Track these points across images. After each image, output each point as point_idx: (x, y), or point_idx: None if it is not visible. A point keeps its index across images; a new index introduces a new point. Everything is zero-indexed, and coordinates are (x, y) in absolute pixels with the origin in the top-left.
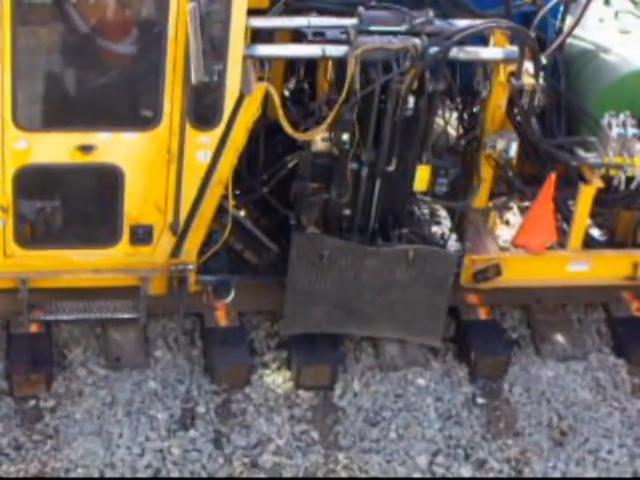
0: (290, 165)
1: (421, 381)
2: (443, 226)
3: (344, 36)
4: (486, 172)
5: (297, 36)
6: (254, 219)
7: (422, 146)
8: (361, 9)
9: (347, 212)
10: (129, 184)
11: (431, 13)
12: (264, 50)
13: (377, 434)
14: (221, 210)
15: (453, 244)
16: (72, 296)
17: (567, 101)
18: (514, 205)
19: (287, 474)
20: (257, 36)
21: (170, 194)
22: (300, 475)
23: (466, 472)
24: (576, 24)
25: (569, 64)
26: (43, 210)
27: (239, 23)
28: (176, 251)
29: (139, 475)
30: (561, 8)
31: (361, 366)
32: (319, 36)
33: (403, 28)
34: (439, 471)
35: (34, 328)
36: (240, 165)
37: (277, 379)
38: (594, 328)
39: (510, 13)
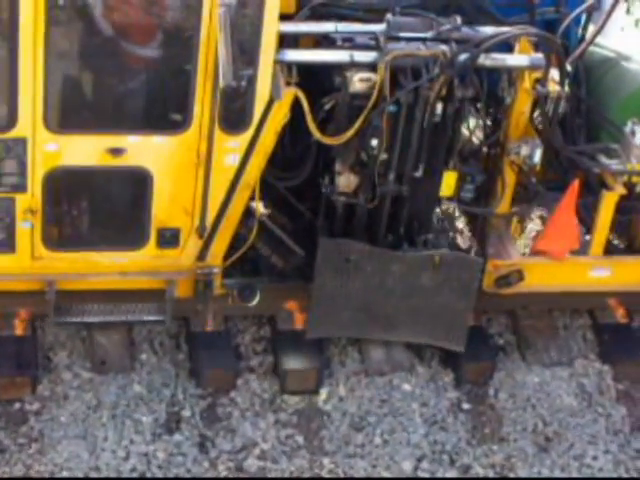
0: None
1: (406, 386)
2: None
3: (372, 42)
4: (509, 178)
5: (321, 41)
6: (280, 223)
7: (449, 152)
8: (389, 15)
9: (374, 217)
10: (158, 187)
11: (458, 20)
12: (293, 55)
13: (362, 439)
14: (247, 214)
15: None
16: (98, 299)
17: (588, 108)
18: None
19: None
20: (282, 41)
21: (198, 197)
22: None
23: (451, 477)
24: (599, 32)
25: (590, 71)
26: (71, 212)
27: (271, 28)
28: (202, 254)
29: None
30: (583, 16)
31: (347, 371)
32: (348, 42)
33: (431, 35)
34: (424, 476)
35: (19, 331)
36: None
37: (263, 383)
38: (580, 334)
39: (534, 20)
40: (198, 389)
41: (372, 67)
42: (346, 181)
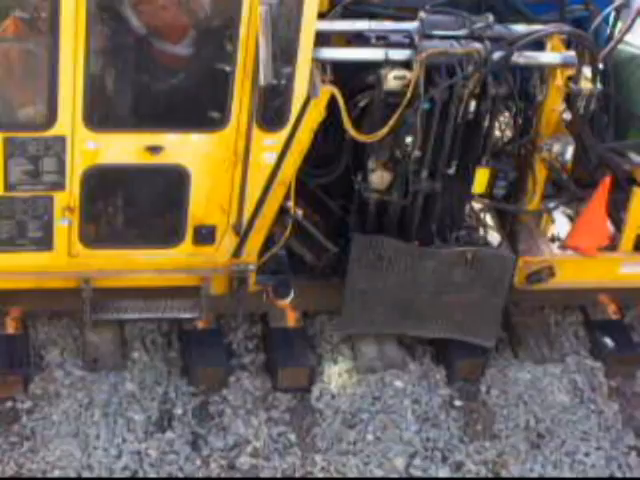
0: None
1: (398, 383)
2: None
3: (406, 40)
4: (540, 175)
5: (353, 40)
6: (312, 221)
7: (482, 149)
8: (422, 13)
9: (406, 214)
10: (195, 185)
11: (491, 18)
12: (329, 53)
13: (354, 436)
14: (282, 211)
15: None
16: (133, 296)
17: (616, 105)
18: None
19: (264, 476)
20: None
21: (235, 195)
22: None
23: (443, 474)
24: (628, 29)
25: (617, 69)
26: (109, 210)
27: (310, 26)
28: (238, 251)
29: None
30: (612, 14)
31: (338, 368)
32: (382, 40)
33: (464, 32)
34: (416, 473)
35: (11, 329)
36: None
37: (255, 381)
38: (571, 331)
39: (564, 18)
40: (190, 387)
41: (406, 65)
42: (379, 178)
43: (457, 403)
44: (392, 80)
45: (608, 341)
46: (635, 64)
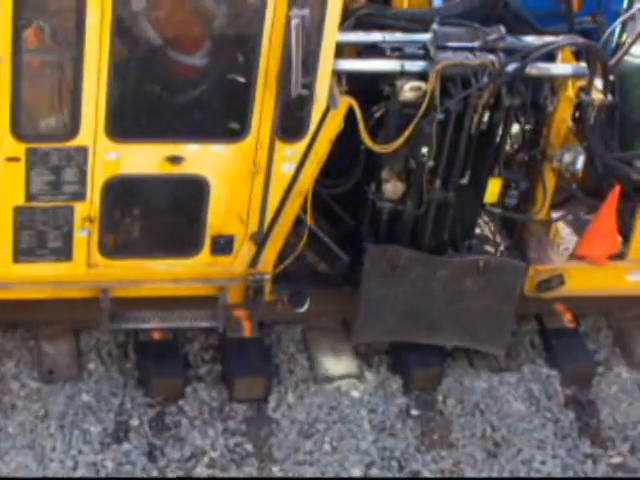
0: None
1: (355, 393)
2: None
3: (421, 51)
4: (550, 184)
5: (364, 51)
6: (325, 231)
7: (495, 159)
8: (435, 25)
9: (419, 223)
10: (214, 195)
11: (503, 29)
12: (347, 64)
13: (311, 446)
14: (297, 221)
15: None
16: (151, 305)
17: (622, 116)
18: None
19: None
20: None
21: (253, 205)
22: None
23: None
24: (635, 41)
25: (622, 79)
26: (128, 220)
27: (331, 37)
28: (254, 261)
29: None
30: (618, 26)
31: (295, 378)
32: (396, 51)
33: (477, 44)
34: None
35: None
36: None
37: (211, 392)
38: (527, 340)
39: (573, 29)
40: (146, 398)
41: (421, 76)
42: (393, 188)
43: (414, 412)
44: (408, 91)
45: None
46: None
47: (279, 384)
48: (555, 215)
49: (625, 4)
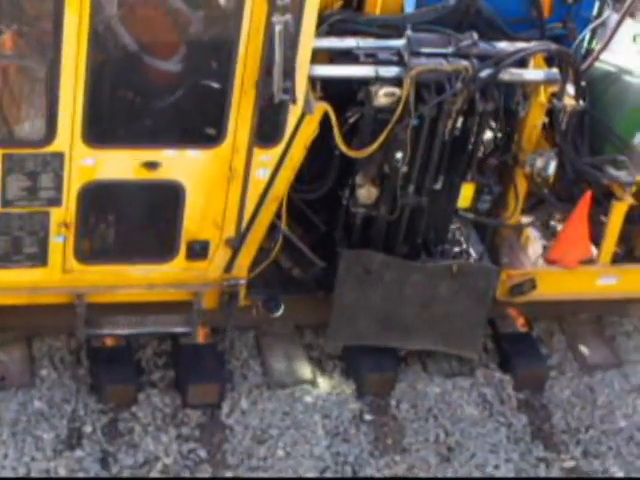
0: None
1: (308, 398)
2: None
3: (395, 57)
4: (521, 189)
5: (336, 57)
6: (299, 236)
7: (468, 164)
8: (409, 32)
9: (392, 228)
10: (190, 200)
11: (475, 35)
12: (321, 70)
13: (265, 452)
14: (271, 226)
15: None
16: (125, 311)
17: (592, 121)
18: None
19: None
20: None
21: (229, 210)
22: None
23: None
24: (604, 47)
25: (593, 85)
26: (104, 226)
27: (308, 42)
28: (229, 266)
29: None
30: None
31: (248, 384)
32: (370, 57)
33: (450, 50)
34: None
35: None
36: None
37: (164, 398)
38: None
39: (544, 36)
40: (99, 404)
41: (395, 82)
42: (367, 193)
43: (367, 417)
44: (382, 97)
45: None
46: (609, 81)
47: (232, 390)
48: (526, 220)
49: (595, 11)
